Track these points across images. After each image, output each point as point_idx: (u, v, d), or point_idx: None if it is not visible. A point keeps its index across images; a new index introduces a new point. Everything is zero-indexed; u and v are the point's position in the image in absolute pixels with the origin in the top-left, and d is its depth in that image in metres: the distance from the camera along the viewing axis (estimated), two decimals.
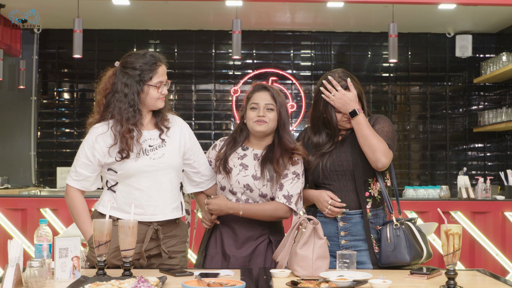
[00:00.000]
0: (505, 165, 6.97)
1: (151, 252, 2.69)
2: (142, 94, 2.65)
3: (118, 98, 2.63)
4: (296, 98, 7.16)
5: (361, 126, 2.71)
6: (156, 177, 2.65)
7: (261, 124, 2.78)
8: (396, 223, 2.68)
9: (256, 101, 2.81)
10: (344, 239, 2.75)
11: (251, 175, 2.78)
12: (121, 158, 2.60)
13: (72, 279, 2.33)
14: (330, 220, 2.77)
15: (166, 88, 2.71)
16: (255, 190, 2.77)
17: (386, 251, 2.66)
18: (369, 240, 2.73)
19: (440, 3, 5.56)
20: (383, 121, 2.81)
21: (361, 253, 2.72)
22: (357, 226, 2.75)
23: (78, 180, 2.68)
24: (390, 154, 2.73)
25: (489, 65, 6.78)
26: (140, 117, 2.64)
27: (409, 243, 2.64)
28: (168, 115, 2.78)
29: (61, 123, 7.20)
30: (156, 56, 2.68)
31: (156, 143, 2.68)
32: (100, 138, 2.63)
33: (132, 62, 2.65)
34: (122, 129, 2.59)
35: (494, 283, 2.40)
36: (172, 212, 2.70)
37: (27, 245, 4.85)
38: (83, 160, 2.66)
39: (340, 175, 2.76)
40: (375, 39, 7.22)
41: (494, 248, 5.04)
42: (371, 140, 2.69)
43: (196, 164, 2.83)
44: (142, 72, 2.63)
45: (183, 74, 7.17)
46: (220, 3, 5.83)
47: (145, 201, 2.63)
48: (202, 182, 2.88)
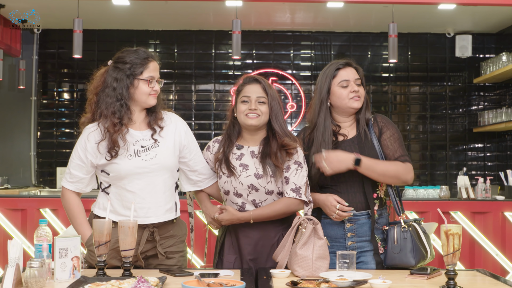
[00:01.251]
0: (505, 165, 6.97)
1: (148, 253, 2.67)
2: (132, 89, 2.61)
3: (106, 93, 2.61)
4: (296, 98, 7.16)
5: (371, 168, 2.67)
6: (148, 178, 2.61)
7: (253, 118, 2.71)
8: (404, 226, 2.67)
9: (247, 94, 2.73)
10: (351, 240, 2.73)
11: (253, 174, 2.72)
12: (111, 157, 2.57)
13: (72, 279, 2.32)
14: (337, 221, 2.75)
15: (159, 85, 2.67)
16: (261, 189, 2.71)
17: (392, 252, 2.65)
18: (373, 240, 2.72)
19: (440, 3, 5.56)
20: (389, 126, 2.79)
21: (366, 254, 2.71)
22: (364, 227, 2.73)
23: (72, 182, 2.67)
24: (410, 166, 2.73)
25: (489, 65, 6.78)
26: (127, 112, 2.60)
27: (415, 246, 2.64)
28: (163, 112, 2.73)
29: (61, 123, 7.20)
30: (148, 52, 2.67)
31: (148, 144, 2.63)
32: (91, 136, 2.61)
33: (123, 57, 2.64)
34: (108, 124, 2.57)
35: (494, 283, 2.40)
36: (165, 214, 2.66)
37: (27, 245, 4.85)
38: (77, 162, 2.64)
39: (348, 177, 2.72)
40: (375, 39, 7.22)
41: (494, 248, 5.04)
42: (389, 173, 2.68)
43: (192, 162, 2.77)
44: (132, 66, 2.61)
45: (183, 74, 7.17)
46: (220, 3, 5.83)
47: (137, 203, 2.58)
48: (200, 181, 2.83)
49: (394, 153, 2.75)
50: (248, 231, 2.74)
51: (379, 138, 2.77)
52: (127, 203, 2.58)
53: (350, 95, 2.76)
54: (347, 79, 2.76)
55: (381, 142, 2.77)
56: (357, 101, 2.76)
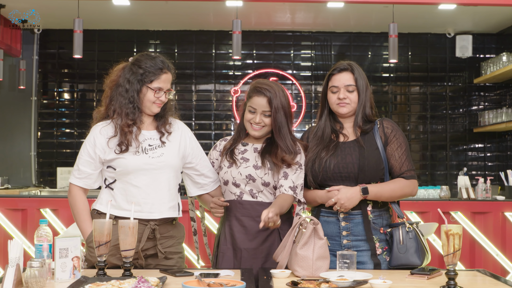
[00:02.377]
0: (505, 165, 6.97)
1: (148, 252, 2.69)
2: (140, 94, 2.70)
3: (120, 92, 2.69)
4: (296, 99, 7.16)
5: (378, 194, 2.73)
6: (154, 175, 2.67)
7: (256, 130, 2.84)
8: (409, 226, 2.70)
9: (254, 106, 2.83)
10: (346, 239, 2.75)
11: (252, 166, 2.83)
12: (120, 151, 2.64)
13: (72, 279, 2.33)
14: (332, 220, 2.77)
15: (167, 96, 2.75)
16: (258, 179, 2.80)
17: (398, 253, 2.67)
18: (370, 240, 2.73)
19: (440, 3, 5.56)
20: (397, 135, 2.81)
21: (362, 253, 2.72)
22: (358, 226, 2.75)
23: (80, 178, 2.72)
24: (415, 182, 2.79)
25: (489, 65, 6.78)
26: (139, 115, 2.70)
27: (419, 246, 2.67)
28: (171, 119, 2.82)
29: (61, 123, 7.20)
30: (165, 63, 2.74)
31: (155, 143, 2.72)
32: (104, 131, 2.69)
33: (140, 61, 2.72)
34: (122, 122, 2.65)
35: (494, 283, 2.40)
36: (169, 211, 2.72)
37: (27, 245, 4.85)
38: (85, 158, 2.70)
39: (344, 177, 2.75)
40: (375, 39, 7.22)
41: (494, 249, 5.04)
42: (395, 194, 2.76)
43: (199, 167, 2.86)
44: (145, 72, 2.69)
45: (183, 75, 7.17)
46: (220, 3, 5.83)
47: (142, 198, 2.65)
48: (206, 184, 2.90)
49: (401, 166, 2.78)
50: (243, 221, 2.81)
51: (385, 145, 2.79)
52: (132, 197, 2.64)
53: (336, 101, 2.81)
54: (336, 85, 2.82)
55: (388, 150, 2.79)
56: (343, 107, 2.81)
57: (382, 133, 2.81)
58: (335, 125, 2.87)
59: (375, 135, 2.80)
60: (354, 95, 2.81)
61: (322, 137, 2.84)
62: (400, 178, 2.78)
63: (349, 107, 2.82)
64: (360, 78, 2.82)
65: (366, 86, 2.84)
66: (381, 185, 2.74)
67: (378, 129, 2.81)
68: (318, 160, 2.78)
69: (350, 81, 2.81)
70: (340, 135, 2.84)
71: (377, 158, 2.75)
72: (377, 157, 2.76)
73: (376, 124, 2.83)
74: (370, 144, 2.79)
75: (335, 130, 2.85)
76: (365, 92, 2.83)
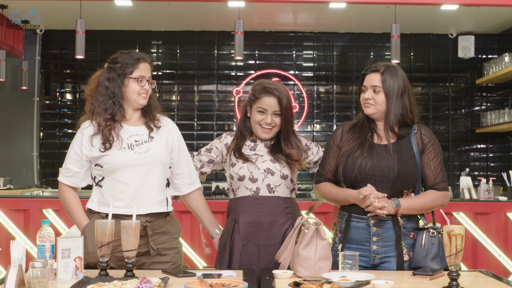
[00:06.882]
0: (508, 166, 6.97)
1: (140, 249, 2.64)
2: (123, 87, 2.73)
3: (99, 91, 2.74)
4: (298, 99, 7.16)
5: (410, 208, 2.68)
6: (141, 171, 2.68)
7: (267, 132, 2.86)
8: (432, 231, 2.66)
9: (264, 107, 2.83)
10: (376, 245, 2.69)
11: (269, 160, 2.85)
12: (105, 149, 2.67)
13: (74, 279, 2.33)
14: (363, 225, 2.71)
15: (151, 86, 2.77)
16: (276, 172, 2.82)
17: (418, 256, 2.64)
18: (399, 246, 2.69)
19: (442, 4, 5.56)
20: (435, 144, 2.76)
21: (390, 259, 2.68)
22: (389, 232, 2.69)
23: (68, 176, 2.77)
24: (447, 193, 2.76)
25: (492, 66, 6.78)
26: (120, 110, 2.72)
27: (442, 252, 2.62)
28: (158, 115, 2.83)
29: (63, 124, 7.21)
30: (140, 54, 2.79)
31: (142, 139, 2.73)
32: (86, 131, 2.74)
33: (115, 58, 2.77)
34: (100, 119, 2.70)
35: (496, 284, 2.40)
36: (156, 206, 2.71)
37: (30, 246, 4.85)
38: (72, 157, 2.76)
39: (377, 181, 2.68)
40: (377, 40, 7.22)
41: (497, 249, 5.03)
42: (427, 206, 2.72)
43: (176, 166, 2.84)
44: (123, 65, 2.72)
45: (186, 75, 7.18)
46: (223, 4, 5.84)
47: (129, 194, 2.66)
48: (182, 185, 2.87)
49: (435, 177, 2.73)
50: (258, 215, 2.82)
51: (421, 153, 2.74)
52: (119, 194, 2.66)
53: (363, 100, 2.79)
54: (365, 85, 2.80)
55: (423, 159, 2.73)
56: (367, 107, 2.77)
57: (420, 140, 2.75)
58: (370, 124, 2.82)
59: (412, 140, 2.74)
60: (381, 97, 2.74)
61: (360, 131, 2.78)
62: (432, 190, 2.73)
63: (374, 108, 2.75)
64: (391, 80, 2.74)
65: (400, 89, 2.74)
66: (413, 200, 2.69)
67: (415, 135, 2.75)
68: (353, 157, 2.72)
69: (377, 82, 2.75)
70: (375, 134, 2.78)
71: (413, 166, 2.70)
72: (413, 165, 2.71)
73: (413, 129, 2.77)
74: (407, 150, 2.73)
75: (371, 129, 2.80)
76: (397, 95, 2.73)
